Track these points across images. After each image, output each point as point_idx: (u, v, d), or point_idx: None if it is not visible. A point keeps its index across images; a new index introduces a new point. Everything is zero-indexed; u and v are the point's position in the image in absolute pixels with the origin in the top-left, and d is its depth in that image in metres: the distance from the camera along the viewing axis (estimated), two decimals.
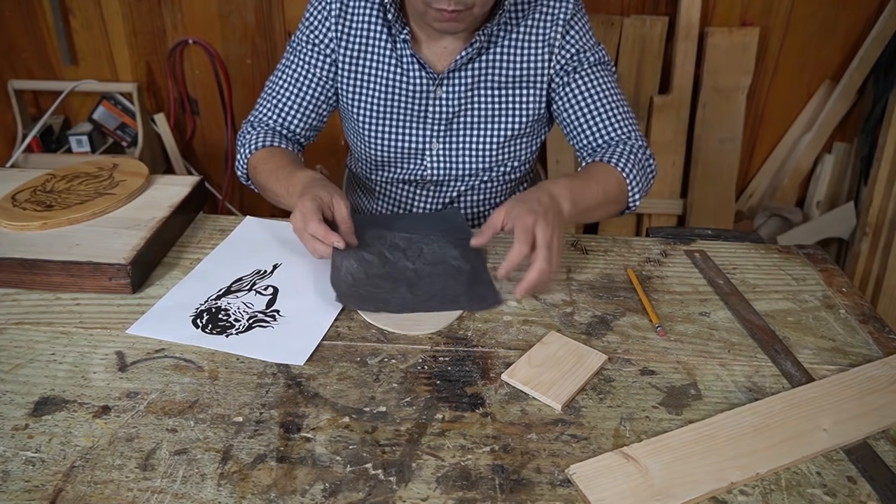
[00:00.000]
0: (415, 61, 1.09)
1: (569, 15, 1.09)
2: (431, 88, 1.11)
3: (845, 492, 0.62)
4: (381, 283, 0.87)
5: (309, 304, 0.86)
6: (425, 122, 1.14)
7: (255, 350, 0.77)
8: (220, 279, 0.90)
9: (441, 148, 1.16)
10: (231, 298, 0.86)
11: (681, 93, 2.12)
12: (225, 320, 0.82)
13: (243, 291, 0.87)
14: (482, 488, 0.61)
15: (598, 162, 1.05)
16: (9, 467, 0.61)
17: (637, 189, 1.05)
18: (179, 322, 0.81)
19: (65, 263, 0.85)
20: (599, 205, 1.00)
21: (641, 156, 1.08)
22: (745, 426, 0.68)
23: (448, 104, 1.12)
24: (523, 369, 0.75)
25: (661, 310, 0.88)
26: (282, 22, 2.12)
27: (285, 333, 0.80)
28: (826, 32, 2.12)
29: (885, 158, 2.08)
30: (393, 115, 1.14)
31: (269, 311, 0.84)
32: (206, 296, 0.86)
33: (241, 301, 0.85)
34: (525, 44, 1.10)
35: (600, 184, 1.00)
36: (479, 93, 1.12)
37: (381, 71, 1.11)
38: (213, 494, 0.60)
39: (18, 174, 1.08)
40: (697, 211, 2.25)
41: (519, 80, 1.11)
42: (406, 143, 1.16)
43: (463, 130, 1.14)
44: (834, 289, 0.93)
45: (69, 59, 2.16)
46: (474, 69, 1.10)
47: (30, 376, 0.72)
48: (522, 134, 1.16)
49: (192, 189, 1.05)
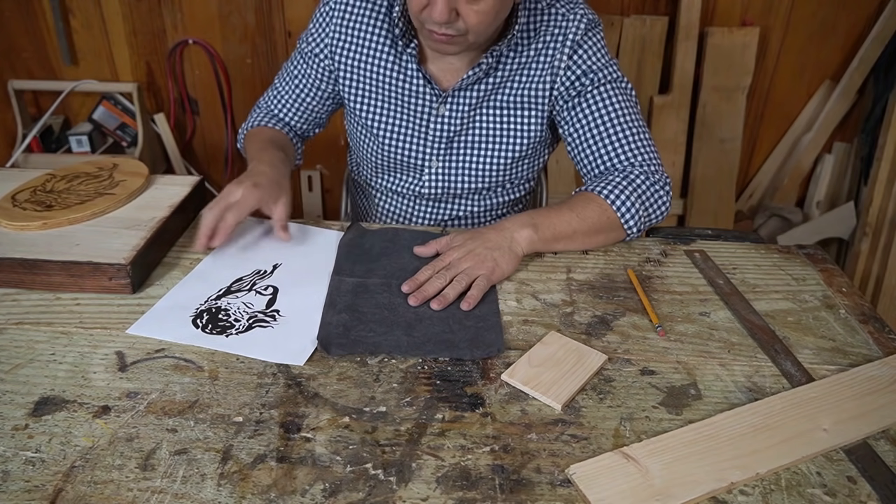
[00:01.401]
0: (420, 76, 1.07)
1: (579, 35, 1.05)
2: (435, 105, 1.09)
3: (845, 492, 0.62)
4: (374, 328, 0.81)
5: (309, 304, 0.85)
6: (426, 138, 1.12)
7: (255, 350, 0.77)
8: (219, 279, 0.90)
9: (440, 166, 1.14)
10: (231, 298, 0.86)
11: (681, 93, 2.13)
12: (225, 320, 0.82)
13: (243, 291, 0.87)
14: (482, 488, 0.61)
15: (582, 192, 1.01)
16: (9, 467, 0.61)
17: (632, 217, 0.98)
18: (179, 322, 0.81)
19: (65, 263, 0.85)
20: (578, 232, 0.96)
21: (642, 182, 1.01)
22: (745, 426, 0.68)
23: (450, 122, 1.10)
24: (523, 369, 0.75)
25: (661, 310, 0.88)
26: (282, 22, 2.12)
27: (285, 333, 0.80)
28: (826, 32, 2.12)
29: (885, 158, 2.08)
30: (394, 127, 1.12)
31: (269, 311, 0.84)
32: (206, 296, 0.86)
33: (241, 301, 0.85)
34: (533, 65, 1.07)
35: (574, 211, 0.96)
36: (482, 113, 1.10)
37: (385, 81, 1.10)
38: (213, 494, 0.60)
39: (18, 174, 1.08)
40: (697, 211, 2.25)
41: (522, 102, 1.09)
42: (405, 157, 1.14)
43: (463, 149, 1.13)
44: (834, 289, 0.93)
45: (69, 59, 2.16)
46: (479, 90, 1.08)
47: (30, 376, 0.72)
48: (524, 156, 1.14)
49: (192, 189, 1.05)
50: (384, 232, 1.02)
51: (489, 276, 0.88)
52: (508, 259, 0.90)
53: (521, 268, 0.95)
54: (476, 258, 0.89)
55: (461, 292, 0.86)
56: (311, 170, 2.35)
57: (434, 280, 0.87)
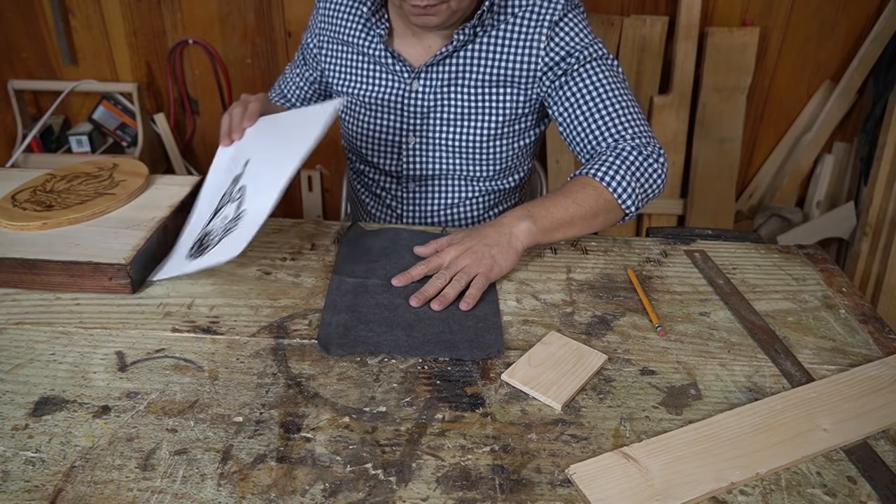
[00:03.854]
0: (389, 55, 1.10)
1: (556, 16, 1.05)
2: (407, 81, 1.12)
3: (845, 492, 0.62)
4: (374, 328, 0.81)
5: (267, 181, 0.83)
6: (401, 115, 1.14)
7: (216, 257, 0.78)
8: (212, 202, 0.90)
9: (417, 142, 1.16)
10: (218, 220, 0.85)
11: (681, 93, 2.13)
12: (207, 243, 0.81)
13: (224, 206, 0.86)
14: (482, 488, 0.61)
15: (576, 176, 1.01)
16: (9, 467, 0.61)
17: (628, 196, 0.98)
18: (181, 262, 0.84)
19: (65, 263, 0.85)
20: (576, 218, 0.95)
21: (636, 158, 1.00)
22: (745, 426, 0.68)
23: (424, 98, 1.12)
24: (523, 369, 0.75)
25: (661, 310, 0.88)
26: (282, 22, 2.12)
27: (245, 226, 0.79)
28: (826, 32, 2.12)
29: (885, 158, 2.08)
30: (370, 106, 1.16)
31: (238, 213, 0.82)
32: (201, 226, 0.86)
33: (221, 217, 0.85)
34: (506, 42, 1.08)
35: (570, 197, 0.96)
36: (456, 89, 1.11)
37: (360, 62, 1.15)
38: (213, 494, 0.60)
39: (18, 174, 1.07)
40: (697, 211, 2.25)
41: (497, 78, 1.10)
42: (382, 135, 1.18)
43: (439, 126, 1.14)
44: (834, 289, 0.93)
45: (69, 59, 2.16)
46: (452, 65, 1.10)
47: (30, 376, 0.72)
48: (500, 134, 1.14)
49: (192, 189, 1.05)
50: (384, 232, 1.02)
51: (487, 273, 0.88)
52: (507, 256, 0.90)
53: (520, 268, 0.95)
54: (474, 255, 0.89)
55: (461, 291, 0.86)
56: (311, 170, 2.35)
57: (434, 280, 0.87)
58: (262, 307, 0.85)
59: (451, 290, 0.86)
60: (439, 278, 0.87)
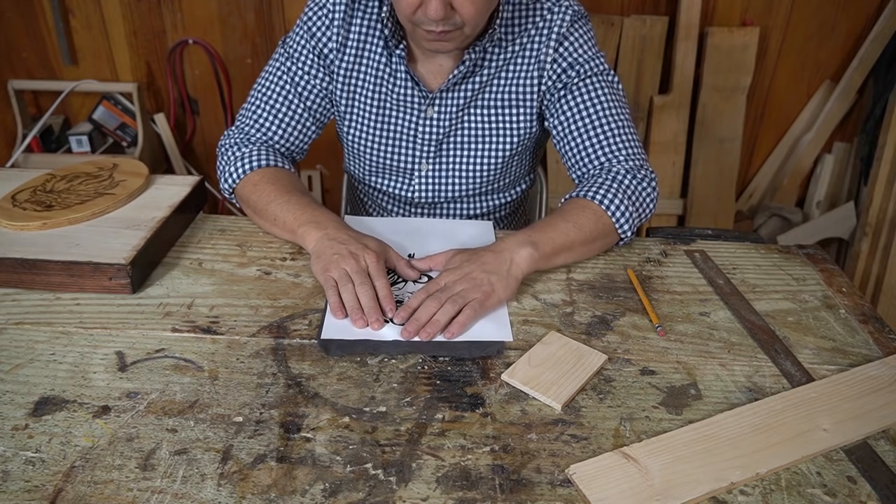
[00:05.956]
0: (409, 78, 1.06)
1: (564, 27, 1.04)
2: (423, 108, 1.08)
3: (845, 492, 0.62)
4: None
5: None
6: (415, 142, 1.11)
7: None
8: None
9: (430, 170, 1.14)
10: (397, 290, 0.91)
11: (681, 93, 2.13)
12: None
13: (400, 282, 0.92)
14: (482, 488, 0.61)
15: (573, 198, 0.99)
16: (9, 467, 0.61)
17: (625, 220, 0.97)
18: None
19: (65, 263, 0.85)
20: (576, 243, 0.93)
21: (630, 181, 0.99)
22: (745, 426, 0.68)
23: (439, 125, 1.09)
24: (523, 369, 0.75)
25: (661, 310, 0.88)
26: (282, 22, 2.12)
27: None
28: (826, 32, 2.12)
29: (885, 158, 2.08)
30: (383, 132, 1.11)
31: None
32: None
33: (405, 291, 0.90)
34: (518, 60, 1.06)
35: (570, 221, 0.94)
36: (470, 113, 1.09)
37: (376, 84, 1.09)
38: (213, 494, 0.60)
39: (18, 174, 1.08)
40: (697, 211, 2.25)
41: (510, 100, 1.08)
42: (395, 162, 1.14)
43: (454, 151, 1.12)
44: (834, 289, 0.93)
45: (69, 59, 2.16)
46: (466, 89, 1.07)
47: (30, 376, 0.72)
48: (515, 154, 1.13)
49: (192, 189, 1.05)
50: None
51: (483, 301, 0.83)
52: (506, 284, 0.86)
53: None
54: (471, 282, 0.85)
55: (453, 316, 0.82)
56: (311, 170, 2.35)
57: (428, 303, 0.82)
58: (262, 307, 0.85)
59: (442, 315, 0.81)
60: (433, 300, 0.83)
